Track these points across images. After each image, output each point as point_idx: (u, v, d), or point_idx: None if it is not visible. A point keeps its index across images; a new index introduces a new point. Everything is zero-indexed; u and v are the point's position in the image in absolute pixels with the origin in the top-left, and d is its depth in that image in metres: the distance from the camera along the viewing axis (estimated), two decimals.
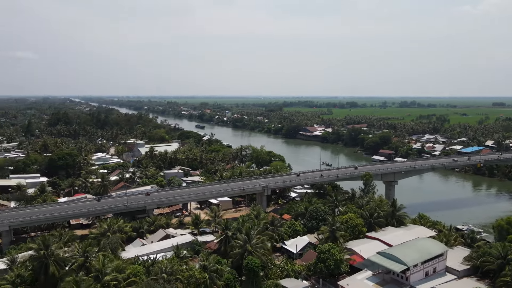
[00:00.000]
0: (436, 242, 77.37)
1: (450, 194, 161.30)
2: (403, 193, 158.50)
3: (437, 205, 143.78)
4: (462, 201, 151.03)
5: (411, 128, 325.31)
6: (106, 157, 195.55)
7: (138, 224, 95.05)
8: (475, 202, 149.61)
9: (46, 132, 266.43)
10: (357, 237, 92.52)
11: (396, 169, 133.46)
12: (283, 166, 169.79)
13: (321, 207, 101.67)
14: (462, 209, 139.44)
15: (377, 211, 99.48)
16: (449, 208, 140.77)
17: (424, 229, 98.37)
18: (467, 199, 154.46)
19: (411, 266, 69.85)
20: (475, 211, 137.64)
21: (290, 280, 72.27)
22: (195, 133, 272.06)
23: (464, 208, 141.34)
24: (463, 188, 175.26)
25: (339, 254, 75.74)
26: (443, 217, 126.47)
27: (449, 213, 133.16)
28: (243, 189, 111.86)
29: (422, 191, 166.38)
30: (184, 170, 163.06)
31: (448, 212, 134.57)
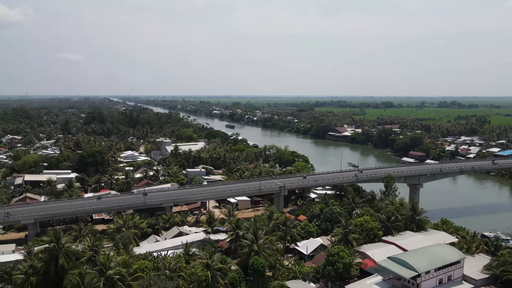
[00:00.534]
0: (452, 249, 74.06)
1: (483, 199, 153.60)
2: (431, 196, 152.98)
3: (466, 210, 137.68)
4: (495, 206, 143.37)
5: (446, 129, 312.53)
6: (134, 155, 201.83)
7: (154, 221, 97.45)
8: (509, 208, 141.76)
9: (82, 130, 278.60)
10: (372, 240, 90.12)
11: (421, 172, 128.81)
12: (305, 166, 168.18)
13: (337, 208, 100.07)
14: (493, 215, 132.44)
15: (394, 215, 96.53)
16: (479, 213, 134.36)
17: (445, 235, 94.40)
18: (500, 204, 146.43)
19: (422, 272, 67.27)
20: (507, 217, 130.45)
21: (296, 281, 71.62)
22: (222, 132, 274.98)
23: (496, 214, 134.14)
24: (497, 193, 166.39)
25: (348, 258, 74.20)
26: (472, 223, 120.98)
27: (478, 219, 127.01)
28: (260, 189, 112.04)
29: (452, 195, 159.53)
30: (206, 169, 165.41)
31: (478, 218, 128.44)
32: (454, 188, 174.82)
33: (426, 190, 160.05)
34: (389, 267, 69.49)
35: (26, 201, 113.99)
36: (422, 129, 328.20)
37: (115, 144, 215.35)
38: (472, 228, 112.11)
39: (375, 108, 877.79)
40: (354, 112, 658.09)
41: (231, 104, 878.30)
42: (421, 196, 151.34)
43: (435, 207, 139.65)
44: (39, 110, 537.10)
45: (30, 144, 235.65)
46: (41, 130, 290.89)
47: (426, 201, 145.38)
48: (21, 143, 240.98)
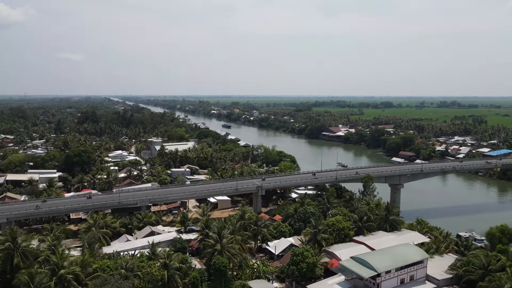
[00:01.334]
0: (416, 249, 74.01)
1: (468, 199, 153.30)
2: (417, 197, 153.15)
3: (449, 211, 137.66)
4: (479, 207, 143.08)
5: (439, 129, 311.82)
6: (123, 155, 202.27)
7: (128, 220, 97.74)
8: (493, 208, 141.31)
9: (75, 130, 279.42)
10: (343, 240, 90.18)
11: (401, 172, 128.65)
12: (291, 166, 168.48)
13: (310, 208, 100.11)
14: (476, 215, 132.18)
15: (367, 215, 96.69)
16: (462, 213, 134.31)
17: (417, 235, 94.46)
18: (484, 205, 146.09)
19: (382, 272, 67.31)
20: (489, 217, 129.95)
21: (259, 281, 71.74)
22: (214, 132, 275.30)
23: (478, 214, 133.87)
24: (482, 194, 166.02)
25: (313, 257, 74.30)
26: (452, 223, 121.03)
27: (460, 219, 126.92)
28: (236, 188, 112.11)
29: (438, 195, 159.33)
30: (192, 169, 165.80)
31: (460, 218, 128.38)
32: (440, 188, 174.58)
33: (413, 190, 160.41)
34: (350, 266, 69.56)
35: (5, 201, 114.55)
36: (416, 129, 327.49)
37: (104, 144, 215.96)
38: (451, 228, 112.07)
39: (374, 108, 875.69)
40: (352, 112, 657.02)
41: (230, 104, 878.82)
42: (407, 196, 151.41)
43: (418, 207, 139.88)
44: (36, 109, 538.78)
45: (22, 143, 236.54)
46: (34, 129, 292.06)
47: (411, 201, 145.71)
48: (13, 142, 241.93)
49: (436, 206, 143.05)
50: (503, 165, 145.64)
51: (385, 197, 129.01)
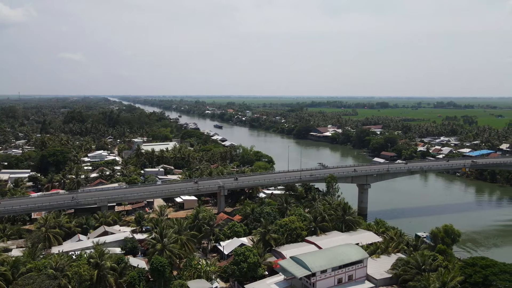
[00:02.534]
0: (356, 249, 74.22)
1: (440, 199, 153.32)
2: (389, 197, 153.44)
3: (418, 210, 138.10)
4: (448, 207, 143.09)
5: (425, 129, 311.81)
6: (102, 155, 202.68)
7: (84, 220, 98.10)
8: (462, 208, 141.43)
9: (60, 129, 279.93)
10: (295, 240, 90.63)
11: (367, 172, 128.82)
12: (266, 166, 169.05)
13: (267, 209, 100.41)
14: (443, 215, 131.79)
15: (322, 215, 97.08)
16: (430, 213, 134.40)
17: (371, 235, 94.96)
18: (455, 205, 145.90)
19: (317, 271, 67.65)
20: (455, 217, 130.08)
21: (199, 281, 72.05)
22: (199, 132, 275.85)
23: (446, 214, 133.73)
24: (456, 194, 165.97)
25: (254, 257, 74.67)
26: (417, 223, 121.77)
27: (426, 219, 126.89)
28: (198, 188, 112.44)
29: (410, 195, 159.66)
30: (166, 169, 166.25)
31: (426, 218, 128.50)
32: (415, 188, 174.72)
33: (389, 191, 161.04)
34: (286, 266, 69.88)
35: None
36: (403, 129, 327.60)
37: (85, 144, 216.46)
38: (416, 228, 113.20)
39: (370, 108, 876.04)
40: (346, 112, 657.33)
41: (226, 104, 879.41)
42: (381, 196, 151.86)
43: (388, 207, 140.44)
44: (29, 109, 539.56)
45: (6, 143, 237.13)
46: (21, 129, 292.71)
47: (383, 201, 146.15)
48: None
49: (406, 206, 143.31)
50: (471, 166, 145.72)
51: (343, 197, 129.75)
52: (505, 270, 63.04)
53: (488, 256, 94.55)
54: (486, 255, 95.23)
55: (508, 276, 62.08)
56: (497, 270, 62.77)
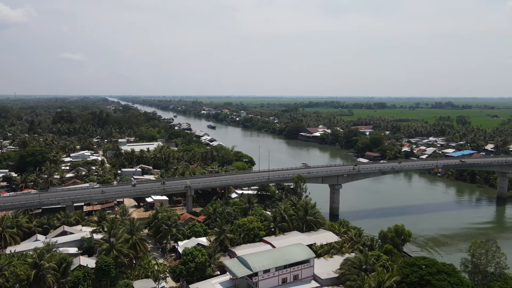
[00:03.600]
0: (303, 249, 74.37)
1: (416, 199, 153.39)
2: (365, 197, 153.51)
3: (393, 210, 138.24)
4: (422, 207, 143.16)
5: (413, 130, 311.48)
6: (85, 155, 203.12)
7: (45, 220, 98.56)
8: (435, 209, 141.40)
9: (48, 129, 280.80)
10: (252, 240, 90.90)
11: (338, 172, 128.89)
12: (244, 166, 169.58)
13: (228, 209, 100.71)
14: (415, 215, 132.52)
15: (282, 215, 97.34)
16: (402, 213, 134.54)
17: (331, 235, 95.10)
18: (429, 205, 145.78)
19: (259, 271, 67.89)
20: (426, 217, 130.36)
21: (145, 281, 72.32)
22: (185, 132, 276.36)
23: (418, 214, 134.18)
24: (434, 194, 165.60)
25: (202, 257, 74.98)
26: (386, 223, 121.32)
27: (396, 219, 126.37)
28: (164, 188, 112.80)
29: (388, 195, 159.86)
30: (144, 169, 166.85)
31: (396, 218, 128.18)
32: (393, 188, 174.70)
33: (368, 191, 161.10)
34: (230, 266, 70.14)
35: None
36: (393, 129, 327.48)
37: (69, 144, 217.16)
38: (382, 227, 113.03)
39: (368, 109, 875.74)
40: (342, 112, 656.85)
41: (223, 104, 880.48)
42: (358, 196, 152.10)
43: (361, 207, 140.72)
44: (24, 109, 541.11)
45: None
46: (10, 129, 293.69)
47: (360, 201, 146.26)
48: None
49: (382, 206, 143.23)
50: (444, 166, 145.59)
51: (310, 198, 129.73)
52: (442, 270, 63.12)
53: (444, 256, 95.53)
54: (444, 256, 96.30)
55: (444, 276, 62.18)
56: (434, 270, 62.85)
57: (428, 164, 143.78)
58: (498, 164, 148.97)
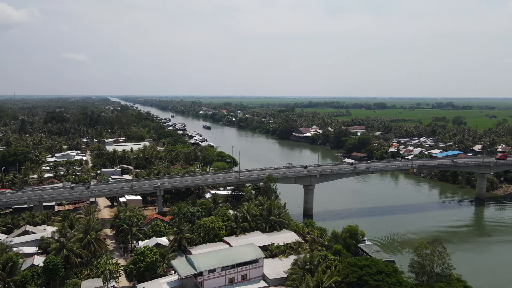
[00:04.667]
0: (252, 249, 74.58)
1: (399, 200, 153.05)
2: (342, 197, 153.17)
3: (370, 211, 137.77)
4: (403, 207, 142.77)
5: (405, 130, 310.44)
6: (70, 155, 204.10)
7: (10, 219, 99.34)
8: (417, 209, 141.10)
9: (38, 130, 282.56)
10: (212, 240, 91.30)
11: (311, 173, 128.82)
12: (224, 166, 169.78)
13: (193, 209, 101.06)
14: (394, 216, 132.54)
15: (244, 215, 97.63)
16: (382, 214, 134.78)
17: (292, 235, 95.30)
18: (413, 205, 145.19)
19: (203, 271, 68.18)
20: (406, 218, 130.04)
21: (94, 280, 72.59)
22: (175, 132, 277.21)
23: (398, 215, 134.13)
24: (416, 195, 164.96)
25: (153, 256, 75.36)
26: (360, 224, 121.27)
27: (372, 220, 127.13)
28: (132, 188, 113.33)
29: (368, 196, 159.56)
30: (124, 169, 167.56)
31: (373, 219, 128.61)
32: (377, 189, 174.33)
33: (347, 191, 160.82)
34: (175, 266, 70.51)
35: None
36: (385, 130, 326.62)
37: (56, 144, 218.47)
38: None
39: (367, 109, 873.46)
40: (340, 113, 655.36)
41: (222, 104, 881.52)
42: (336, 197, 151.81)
43: (340, 208, 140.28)
44: (23, 110, 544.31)
45: None
46: (1, 129, 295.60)
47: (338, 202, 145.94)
48: None
49: (360, 206, 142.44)
50: (419, 166, 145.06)
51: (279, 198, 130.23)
52: (382, 271, 63.05)
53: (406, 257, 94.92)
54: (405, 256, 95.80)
55: (384, 276, 62.11)
56: (374, 271, 62.80)
57: (402, 165, 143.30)
58: (475, 165, 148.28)
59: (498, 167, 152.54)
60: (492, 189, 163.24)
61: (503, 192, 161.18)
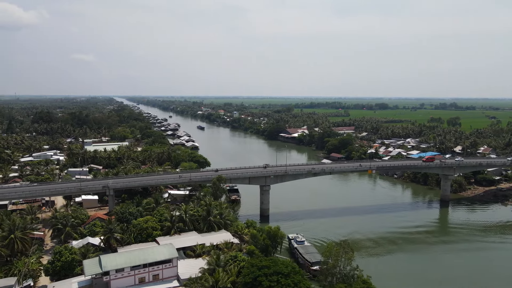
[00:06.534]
0: (166, 249, 74.93)
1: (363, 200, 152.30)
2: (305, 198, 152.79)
3: (329, 212, 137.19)
4: (370, 208, 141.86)
5: (391, 131, 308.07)
6: (47, 154, 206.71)
7: None
8: (384, 210, 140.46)
9: (24, 129, 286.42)
10: (145, 240, 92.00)
11: (264, 174, 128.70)
12: (192, 166, 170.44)
13: (132, 208, 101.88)
14: (353, 217, 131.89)
15: (181, 215, 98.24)
16: (340, 215, 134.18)
17: (227, 235, 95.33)
18: (379, 206, 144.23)
19: (110, 270, 68.74)
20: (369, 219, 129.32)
21: (7, 279, 73.35)
22: (158, 132, 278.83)
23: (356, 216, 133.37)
24: (385, 195, 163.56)
25: (69, 256, 76.22)
26: (311, 225, 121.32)
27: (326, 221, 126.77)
28: (80, 188, 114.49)
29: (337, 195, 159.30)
30: (93, 169, 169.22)
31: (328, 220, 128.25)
32: (344, 189, 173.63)
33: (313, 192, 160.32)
34: (84, 265, 71.08)
35: None
36: (373, 131, 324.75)
37: (35, 144, 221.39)
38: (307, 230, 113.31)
39: (368, 109, 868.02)
40: (338, 113, 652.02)
41: (223, 104, 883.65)
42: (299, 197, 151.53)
43: (299, 208, 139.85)
44: (22, 110, 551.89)
45: None
46: None
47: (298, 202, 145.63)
48: None
49: (319, 207, 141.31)
50: (377, 168, 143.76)
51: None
52: (280, 271, 63.01)
53: None
54: None
55: (280, 277, 62.07)
56: (271, 271, 62.79)
57: (361, 166, 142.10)
58: (438, 167, 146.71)
59: (461, 168, 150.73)
60: (460, 191, 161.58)
61: (471, 193, 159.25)
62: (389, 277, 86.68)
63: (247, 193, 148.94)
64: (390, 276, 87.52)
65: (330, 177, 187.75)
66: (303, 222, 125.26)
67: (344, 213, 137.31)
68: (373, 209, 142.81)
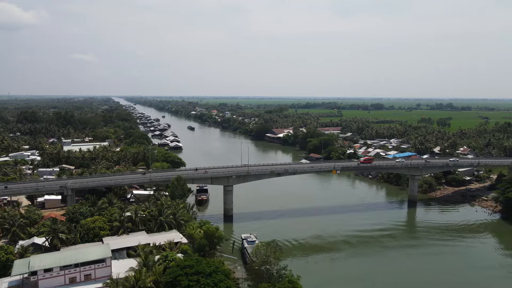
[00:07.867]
0: (100, 249, 74.94)
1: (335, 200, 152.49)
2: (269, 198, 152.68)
3: (293, 212, 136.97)
4: (337, 208, 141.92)
5: (375, 131, 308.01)
6: (24, 154, 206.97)
7: None
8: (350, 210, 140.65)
9: (7, 129, 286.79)
10: (92, 240, 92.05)
11: (226, 174, 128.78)
12: (163, 166, 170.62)
13: (83, 208, 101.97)
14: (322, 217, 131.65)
15: (131, 215, 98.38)
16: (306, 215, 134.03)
17: (175, 235, 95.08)
18: (345, 206, 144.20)
19: (38, 270, 68.73)
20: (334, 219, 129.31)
21: None
22: (142, 133, 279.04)
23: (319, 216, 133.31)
24: (355, 196, 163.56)
25: (5, 256, 76.27)
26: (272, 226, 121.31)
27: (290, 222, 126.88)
28: (37, 188, 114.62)
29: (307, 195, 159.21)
30: (64, 169, 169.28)
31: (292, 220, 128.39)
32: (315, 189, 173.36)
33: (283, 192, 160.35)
34: (14, 265, 71.10)
35: None
36: (358, 131, 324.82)
37: (14, 144, 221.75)
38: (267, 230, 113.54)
39: (364, 110, 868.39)
40: (332, 113, 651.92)
41: (218, 104, 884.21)
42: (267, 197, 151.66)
43: (265, 208, 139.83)
44: (16, 110, 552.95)
45: None
46: None
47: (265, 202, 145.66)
48: None
49: (286, 207, 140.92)
50: (342, 168, 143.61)
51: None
52: (201, 271, 62.99)
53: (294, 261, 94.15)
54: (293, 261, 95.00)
55: (201, 276, 62.05)
56: (192, 271, 62.81)
57: (324, 166, 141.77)
58: (404, 167, 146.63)
59: (428, 169, 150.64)
60: (429, 191, 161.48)
61: (440, 194, 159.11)
62: (329, 280, 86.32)
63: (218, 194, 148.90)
64: (331, 279, 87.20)
65: (310, 178, 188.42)
66: (264, 223, 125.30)
67: (310, 214, 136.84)
68: (340, 209, 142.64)
